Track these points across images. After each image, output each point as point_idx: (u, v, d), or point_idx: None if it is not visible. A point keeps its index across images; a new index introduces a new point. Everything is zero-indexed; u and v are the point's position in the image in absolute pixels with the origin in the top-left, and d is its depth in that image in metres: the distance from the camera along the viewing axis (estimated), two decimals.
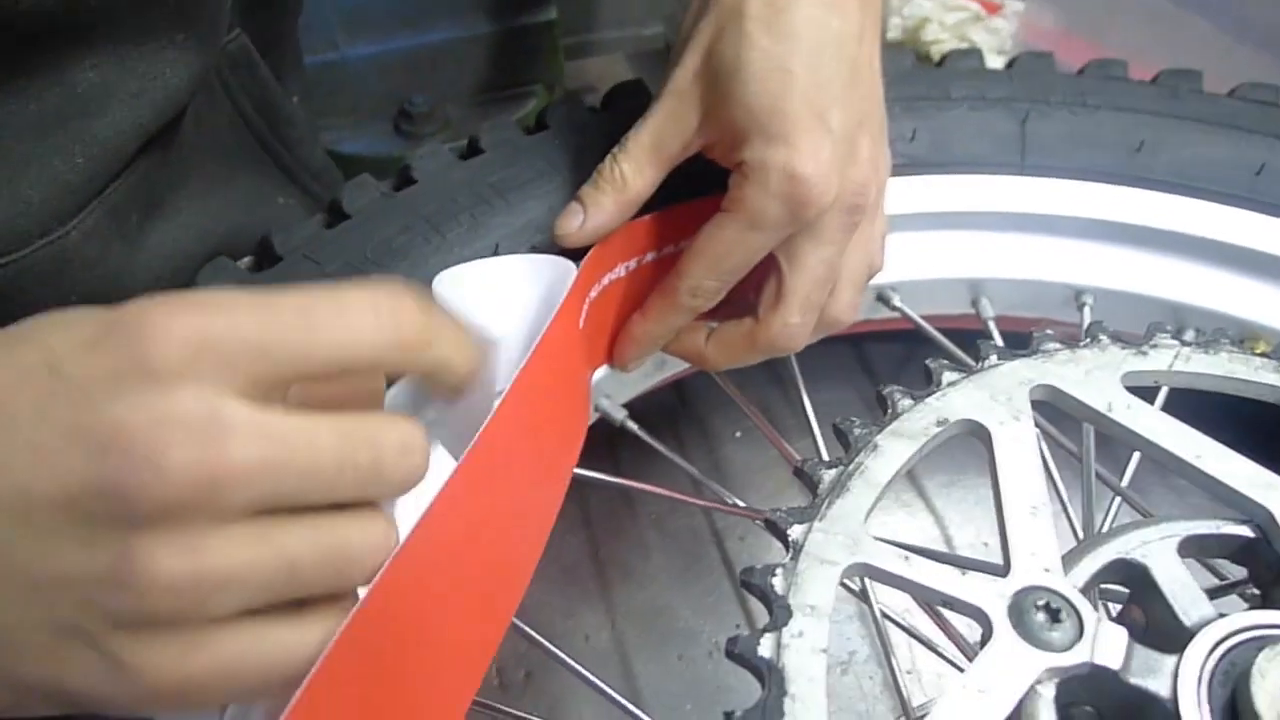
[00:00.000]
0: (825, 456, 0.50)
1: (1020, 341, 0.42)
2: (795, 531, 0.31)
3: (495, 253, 0.48)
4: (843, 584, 0.35)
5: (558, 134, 0.54)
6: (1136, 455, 0.48)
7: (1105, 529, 0.43)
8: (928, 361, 0.37)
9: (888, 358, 0.69)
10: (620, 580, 0.57)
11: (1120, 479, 0.46)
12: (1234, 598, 0.35)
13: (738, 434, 0.64)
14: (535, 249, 0.48)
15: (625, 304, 0.49)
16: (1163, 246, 0.54)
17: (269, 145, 0.56)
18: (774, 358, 0.46)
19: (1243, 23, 0.73)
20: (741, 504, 0.48)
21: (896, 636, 0.50)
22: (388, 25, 0.75)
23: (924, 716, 0.27)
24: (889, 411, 0.35)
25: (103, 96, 0.40)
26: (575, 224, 0.44)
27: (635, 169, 0.43)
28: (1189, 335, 0.40)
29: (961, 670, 0.43)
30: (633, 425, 0.51)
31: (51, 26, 0.37)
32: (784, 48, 0.39)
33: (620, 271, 0.47)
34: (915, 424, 0.34)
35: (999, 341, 0.50)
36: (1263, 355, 0.41)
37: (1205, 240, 0.53)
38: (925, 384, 0.37)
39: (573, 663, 0.41)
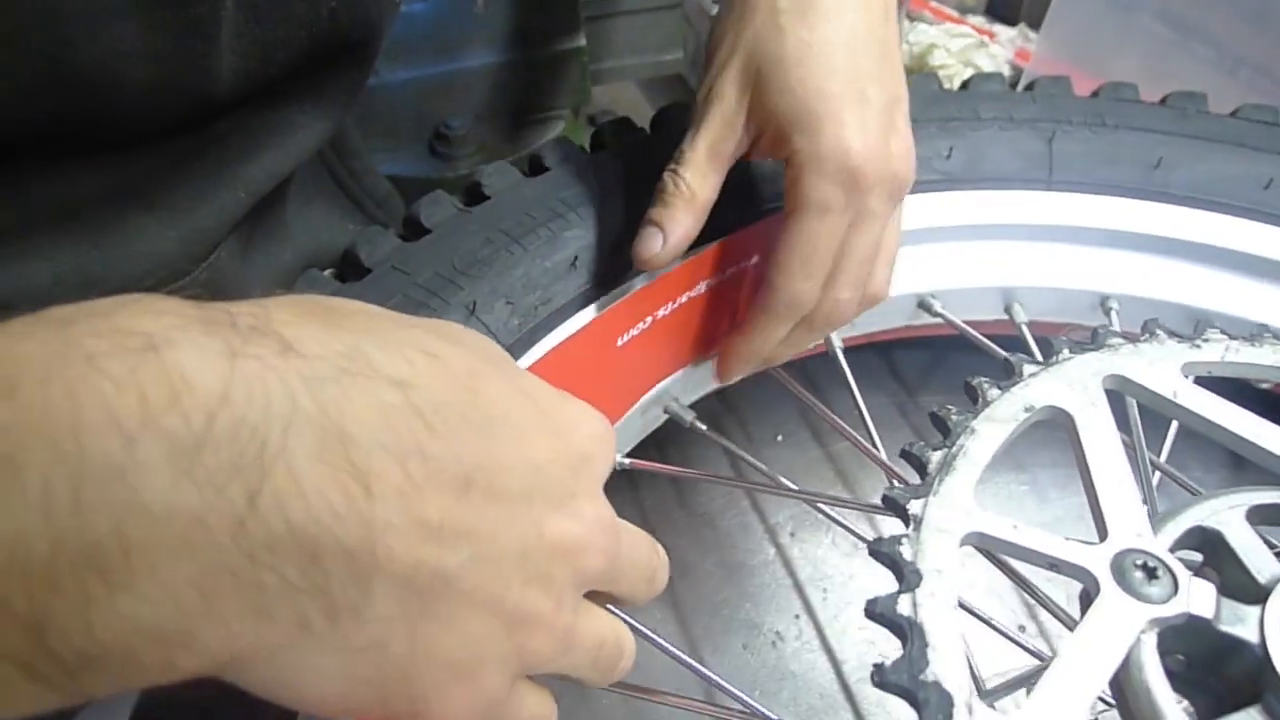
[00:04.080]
0: (883, 453, 0.53)
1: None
2: (914, 506, 0.34)
3: (573, 266, 0.51)
4: None
5: (616, 154, 0.57)
6: (1171, 435, 0.52)
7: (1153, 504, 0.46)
8: (1008, 356, 0.41)
9: (914, 364, 0.72)
10: (679, 576, 0.59)
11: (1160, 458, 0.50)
12: None
13: (779, 437, 0.67)
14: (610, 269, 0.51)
15: (707, 313, 0.52)
16: (1182, 255, 0.58)
17: (338, 175, 0.60)
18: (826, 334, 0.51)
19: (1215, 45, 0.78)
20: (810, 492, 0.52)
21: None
22: (425, 51, 0.78)
23: (1045, 665, 0.31)
24: (980, 400, 0.38)
25: (257, 147, 0.45)
26: (657, 244, 0.46)
27: (699, 177, 0.46)
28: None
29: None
30: (701, 426, 0.54)
31: (234, 97, 0.42)
32: (819, 35, 0.42)
33: (701, 288, 0.50)
34: (1005, 410, 0.37)
35: (1033, 346, 0.54)
36: None
37: (1221, 249, 0.57)
38: (1003, 376, 0.41)
39: (649, 632, 0.43)
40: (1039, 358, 0.41)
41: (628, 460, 0.51)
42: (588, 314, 0.50)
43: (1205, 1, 0.82)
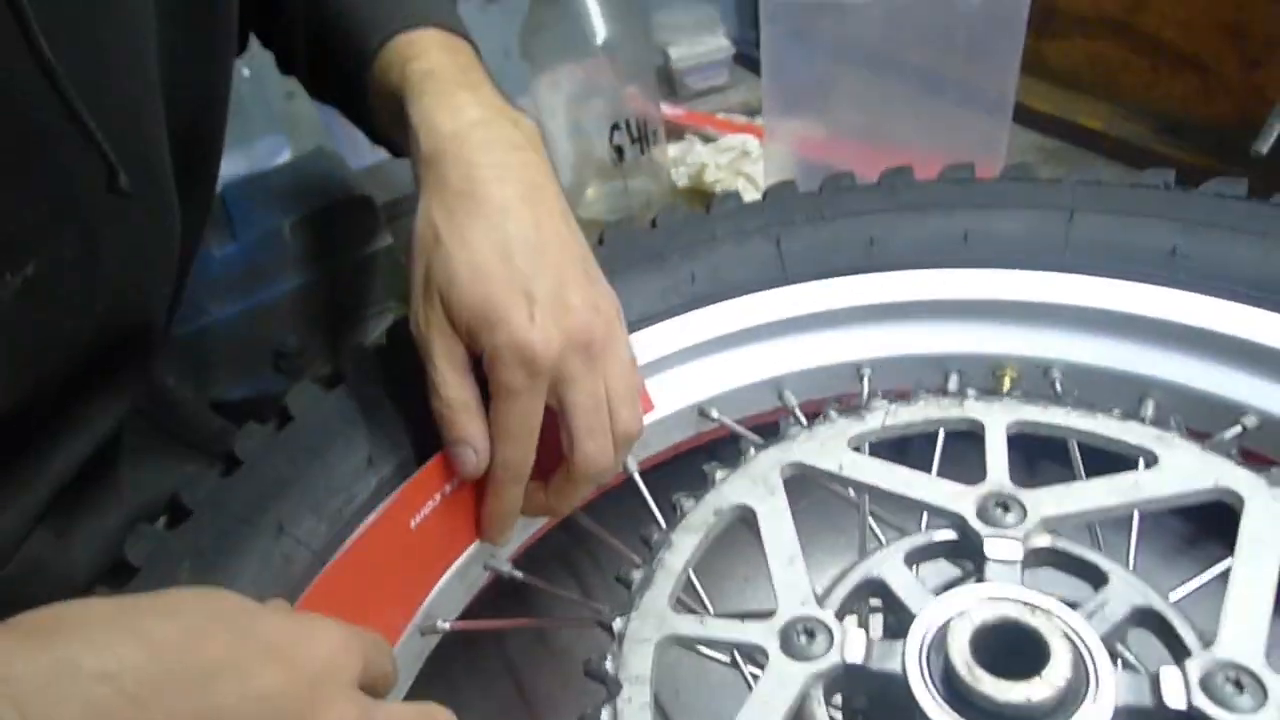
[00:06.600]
0: None
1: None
2: (618, 624, 0.40)
3: (369, 465, 0.57)
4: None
5: (401, 352, 0.64)
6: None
7: None
8: (704, 466, 0.47)
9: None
10: (546, 709, 0.64)
11: None
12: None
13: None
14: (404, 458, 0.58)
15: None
16: (908, 315, 0.65)
17: (166, 428, 0.66)
18: (603, 482, 0.55)
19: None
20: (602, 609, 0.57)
21: None
22: (248, 284, 0.86)
23: None
24: (677, 512, 0.44)
25: (49, 445, 0.51)
26: (472, 456, 0.52)
27: (456, 388, 0.52)
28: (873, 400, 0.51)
29: None
30: (518, 574, 0.59)
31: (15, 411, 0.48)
32: (478, 255, 0.50)
33: None
34: (698, 518, 0.44)
35: (805, 425, 0.61)
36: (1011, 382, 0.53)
37: (936, 302, 0.64)
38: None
39: None
40: (746, 451, 0.48)
41: (447, 624, 0.56)
42: (382, 505, 0.56)
43: (897, 35, 0.89)
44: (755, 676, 0.46)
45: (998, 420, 0.45)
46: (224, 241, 0.86)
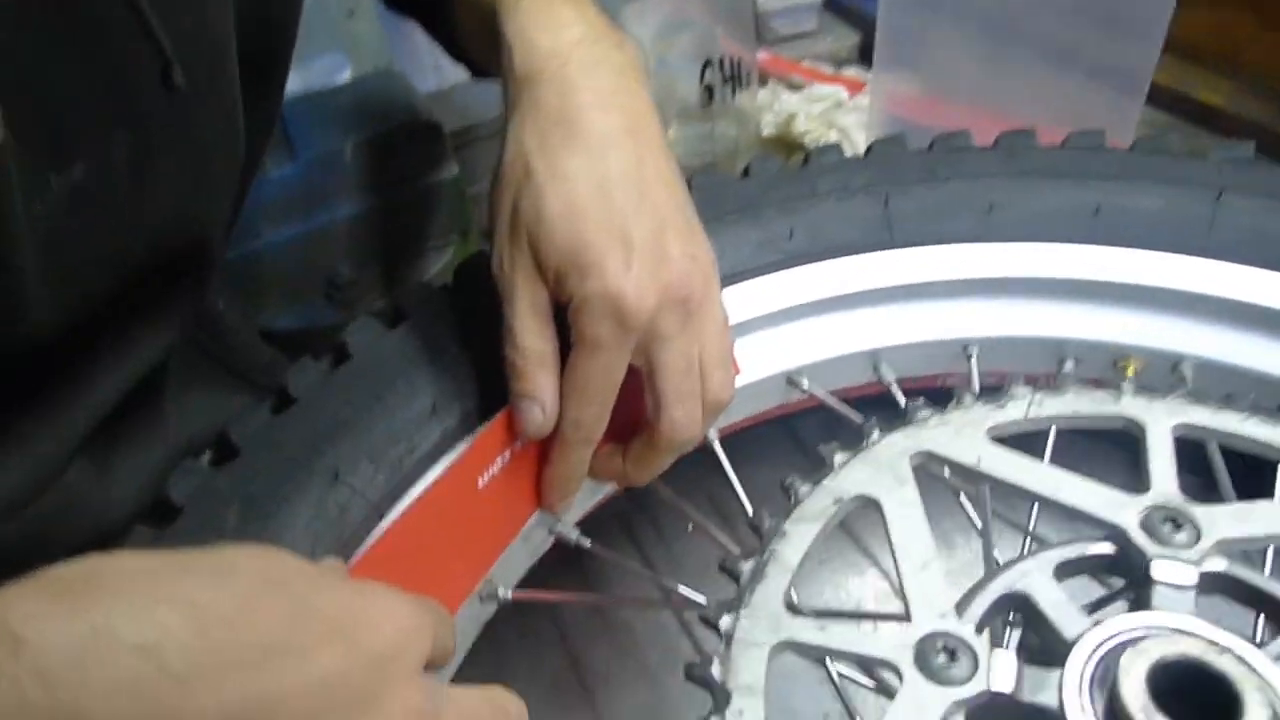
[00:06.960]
0: None
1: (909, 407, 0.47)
2: (725, 622, 0.35)
3: (432, 413, 0.53)
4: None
5: (470, 291, 0.59)
6: None
7: None
8: (819, 447, 0.42)
9: (816, 430, 0.74)
10: (600, 685, 0.60)
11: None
12: (1122, 605, 0.40)
13: (690, 528, 0.68)
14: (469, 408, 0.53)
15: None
16: (1029, 291, 0.60)
17: (215, 355, 0.61)
18: (686, 451, 0.50)
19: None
20: (699, 597, 0.52)
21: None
22: (304, 208, 0.81)
23: None
24: (792, 499, 0.39)
25: (93, 368, 0.46)
26: (538, 413, 0.47)
27: (534, 337, 0.47)
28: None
29: None
30: (586, 542, 0.55)
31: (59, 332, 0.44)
32: (573, 190, 0.45)
33: None
34: (816, 506, 0.39)
35: (902, 402, 0.56)
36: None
37: (1062, 280, 0.59)
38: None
39: None
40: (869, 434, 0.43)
41: (509, 594, 0.52)
42: (448, 460, 0.51)
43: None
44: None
45: (1161, 421, 0.40)
46: (281, 161, 0.81)
